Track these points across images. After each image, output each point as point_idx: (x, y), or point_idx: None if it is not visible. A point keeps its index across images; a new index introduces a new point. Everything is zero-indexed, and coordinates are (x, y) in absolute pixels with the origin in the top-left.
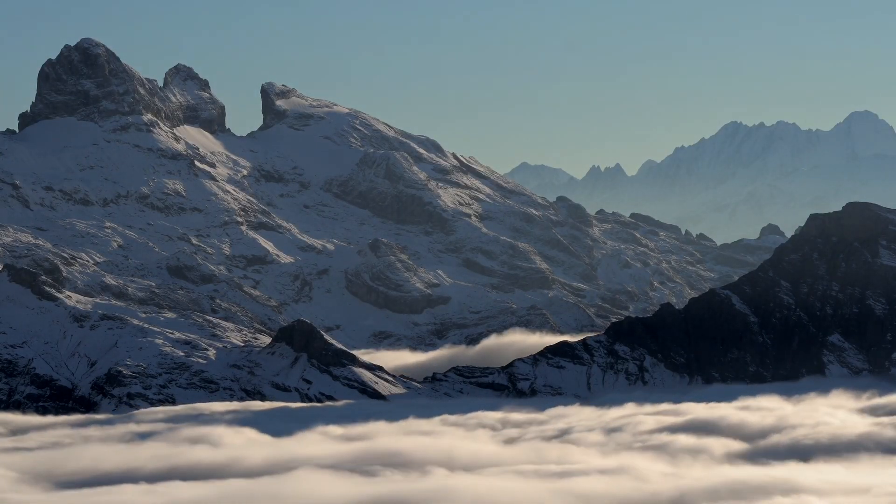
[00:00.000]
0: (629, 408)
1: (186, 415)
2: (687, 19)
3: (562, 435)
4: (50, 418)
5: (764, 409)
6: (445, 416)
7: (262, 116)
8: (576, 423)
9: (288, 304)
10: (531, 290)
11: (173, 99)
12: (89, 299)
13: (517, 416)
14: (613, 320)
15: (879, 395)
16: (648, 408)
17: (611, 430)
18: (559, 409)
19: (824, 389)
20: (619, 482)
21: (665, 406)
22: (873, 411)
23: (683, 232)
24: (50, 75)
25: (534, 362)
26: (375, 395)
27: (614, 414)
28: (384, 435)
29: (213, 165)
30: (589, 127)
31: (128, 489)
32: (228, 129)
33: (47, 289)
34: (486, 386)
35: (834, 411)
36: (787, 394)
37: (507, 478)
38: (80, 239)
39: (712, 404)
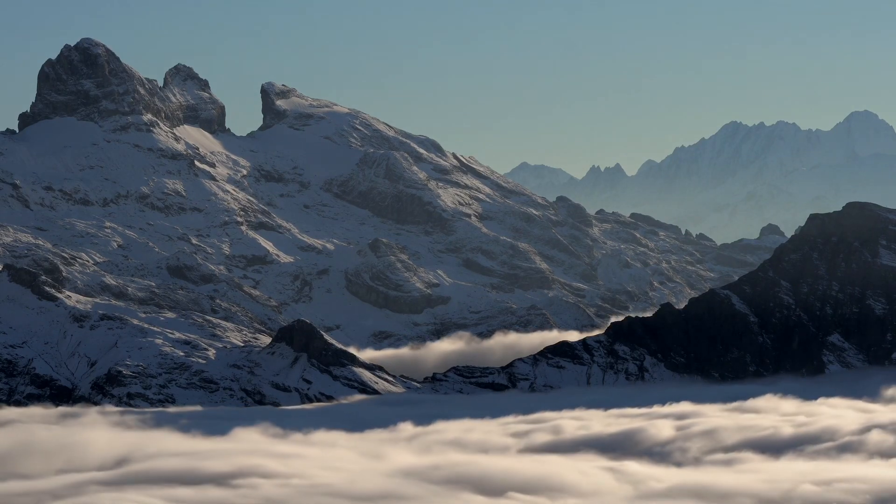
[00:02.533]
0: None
1: None
2: (687, 19)
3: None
4: None
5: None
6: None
7: (262, 116)
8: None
9: (288, 304)
10: (531, 290)
11: (173, 99)
12: (89, 299)
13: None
14: (613, 320)
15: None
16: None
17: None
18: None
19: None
20: None
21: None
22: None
23: (683, 232)
24: (50, 75)
25: (534, 362)
26: (375, 395)
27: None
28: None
29: (213, 165)
30: (589, 127)
31: None
32: (228, 129)
33: (47, 289)
34: (486, 386)
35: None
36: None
37: None
38: (80, 239)
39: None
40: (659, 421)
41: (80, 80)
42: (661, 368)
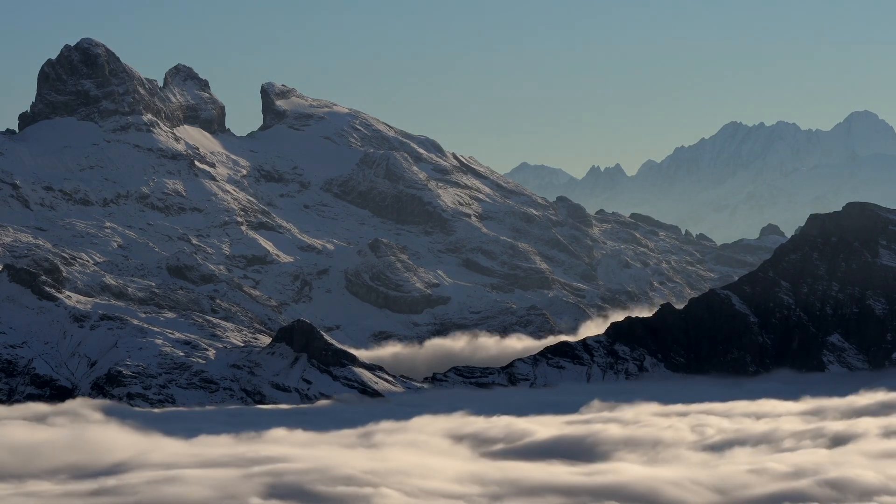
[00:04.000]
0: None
1: None
2: (686, 19)
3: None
4: None
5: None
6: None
7: (262, 116)
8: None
9: (288, 304)
10: (531, 290)
11: (173, 99)
12: (89, 299)
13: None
14: (613, 320)
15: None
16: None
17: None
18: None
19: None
20: None
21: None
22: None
23: (683, 232)
24: (50, 75)
25: (534, 362)
26: (375, 395)
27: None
28: None
29: (213, 165)
30: (589, 127)
31: None
32: (228, 129)
33: (47, 289)
34: (486, 386)
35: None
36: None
37: None
38: (80, 239)
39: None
40: (608, 425)
41: (80, 80)
42: (661, 368)
